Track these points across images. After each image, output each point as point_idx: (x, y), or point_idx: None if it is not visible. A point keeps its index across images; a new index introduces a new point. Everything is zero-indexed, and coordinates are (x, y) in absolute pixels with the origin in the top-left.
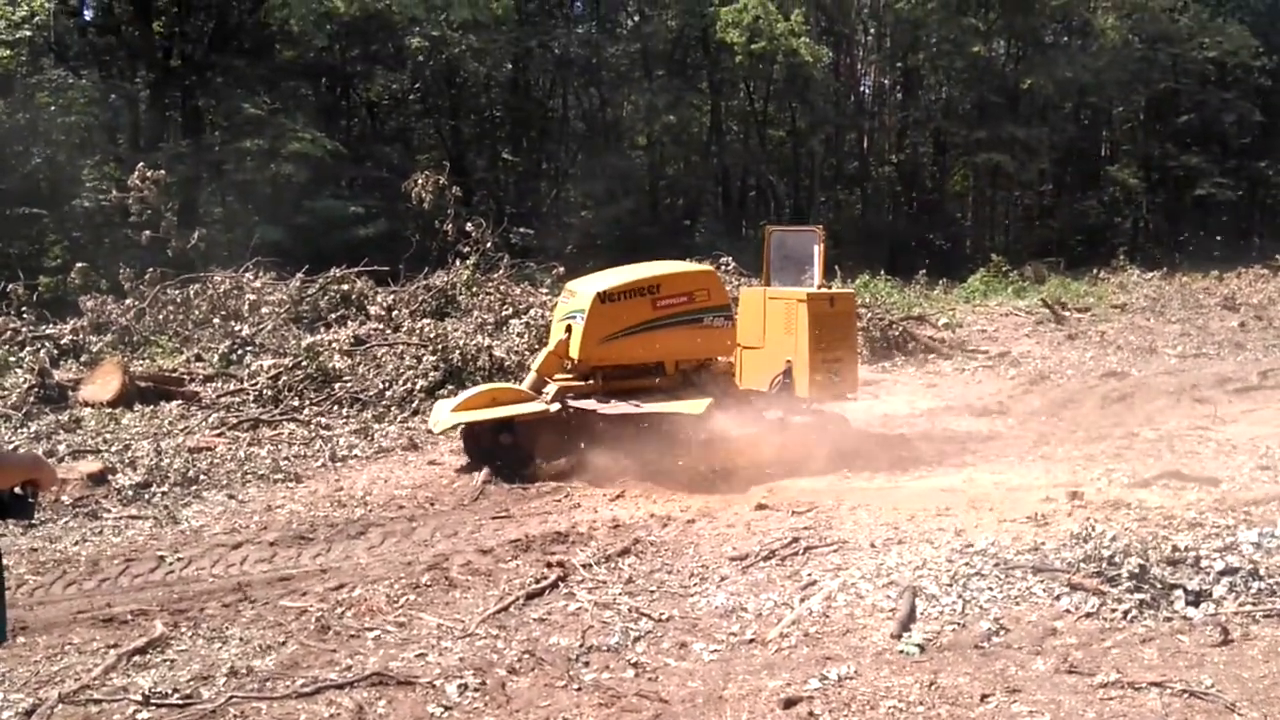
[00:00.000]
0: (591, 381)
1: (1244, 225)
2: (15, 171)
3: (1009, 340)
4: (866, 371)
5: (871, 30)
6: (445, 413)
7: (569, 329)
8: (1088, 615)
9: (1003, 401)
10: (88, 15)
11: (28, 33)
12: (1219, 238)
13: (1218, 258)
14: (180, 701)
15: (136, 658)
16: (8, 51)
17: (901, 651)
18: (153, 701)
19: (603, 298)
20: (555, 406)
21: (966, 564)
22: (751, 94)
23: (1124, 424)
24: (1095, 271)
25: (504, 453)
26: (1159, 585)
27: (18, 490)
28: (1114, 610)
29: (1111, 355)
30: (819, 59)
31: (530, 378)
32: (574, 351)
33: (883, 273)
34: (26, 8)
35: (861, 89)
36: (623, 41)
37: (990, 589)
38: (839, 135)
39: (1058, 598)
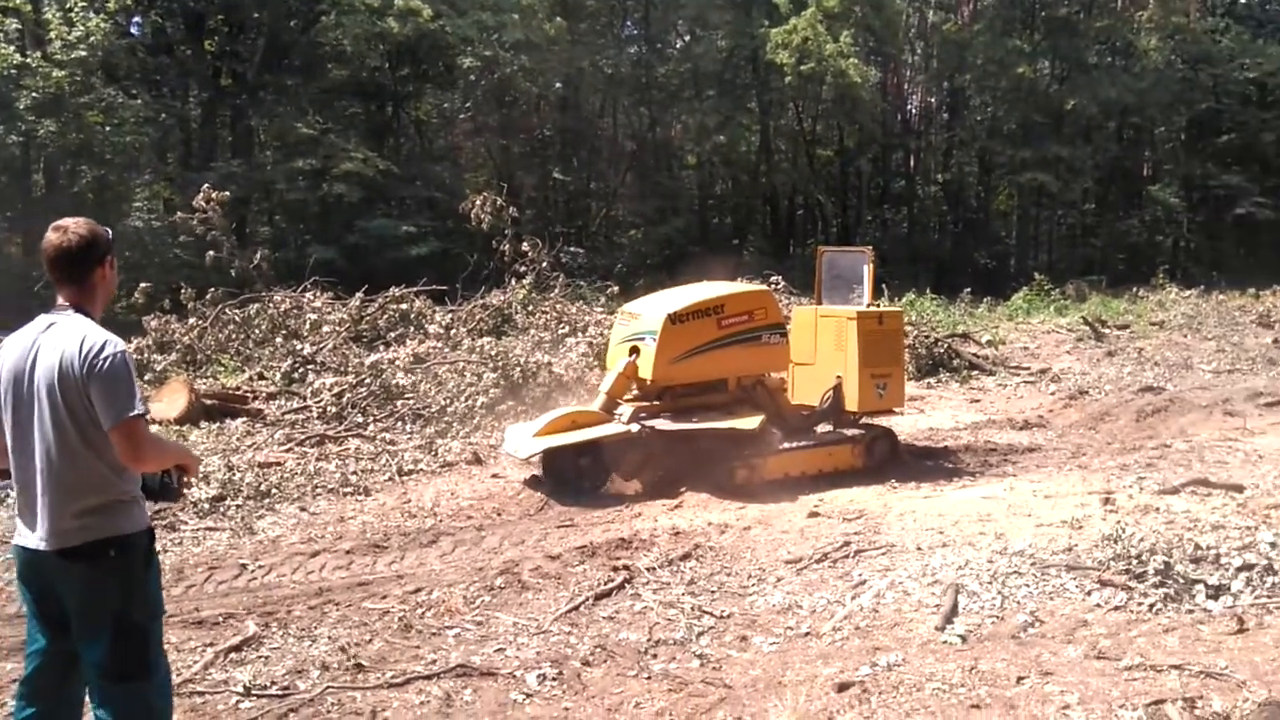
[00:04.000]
0: (661, 401)
1: None
2: (65, 190)
3: (1050, 357)
4: (912, 387)
5: (918, 50)
6: (528, 438)
7: (634, 350)
8: (1116, 608)
9: (1043, 415)
10: (138, 33)
11: (82, 53)
12: (1258, 256)
13: (1257, 277)
14: (279, 693)
15: (233, 655)
16: (62, 72)
17: (945, 642)
18: (253, 693)
19: (673, 319)
20: (635, 428)
21: (1006, 564)
22: (800, 114)
23: (1157, 436)
24: (1135, 290)
25: (582, 473)
26: (1182, 581)
27: (166, 476)
28: (1140, 604)
29: (1148, 371)
30: (867, 80)
31: (601, 399)
32: (645, 372)
33: (928, 291)
34: (82, 28)
35: (908, 109)
36: (673, 61)
37: (1027, 585)
38: (886, 155)
39: (1089, 593)
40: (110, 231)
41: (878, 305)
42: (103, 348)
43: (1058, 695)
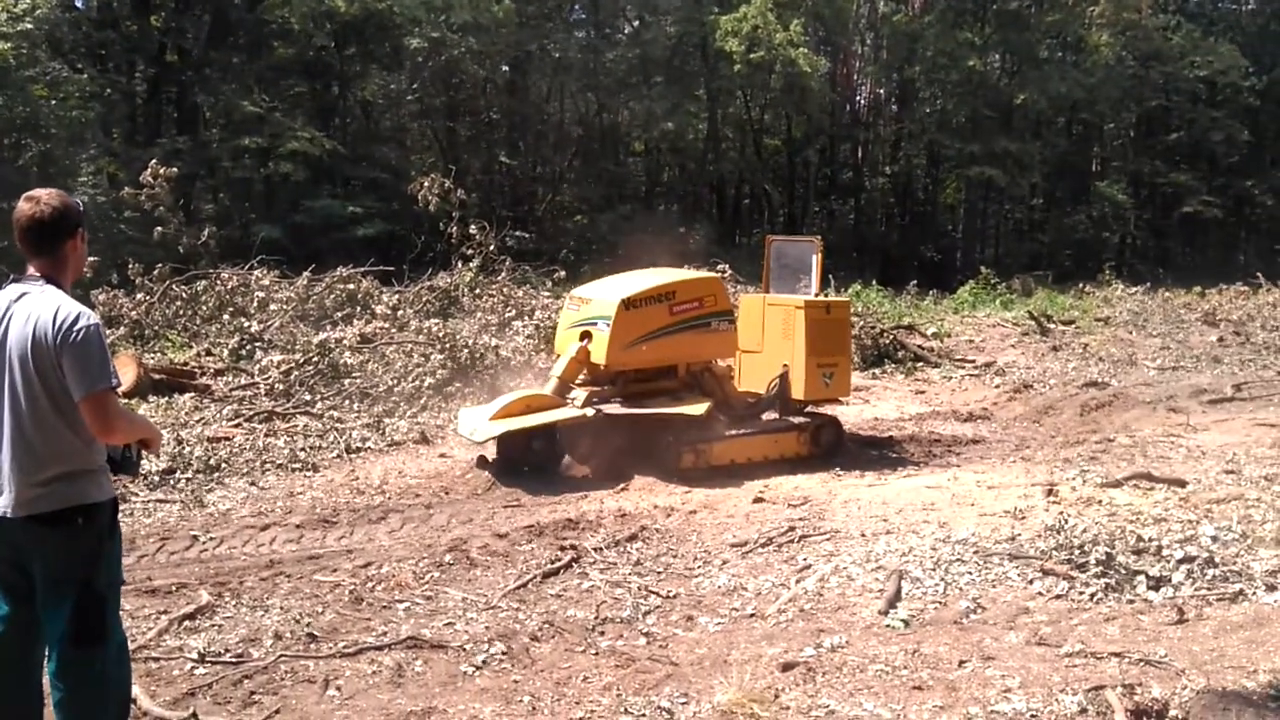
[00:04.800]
0: (613, 386)
1: (1230, 243)
2: (8, 164)
3: (995, 350)
4: (857, 378)
5: (869, 41)
6: (484, 421)
7: (586, 335)
8: (1058, 597)
9: (987, 408)
10: (83, 6)
11: (28, 25)
12: (1204, 255)
13: (1203, 275)
14: (233, 660)
15: (187, 623)
16: (6, 44)
17: (888, 625)
18: (208, 659)
19: (627, 304)
20: (590, 412)
21: (949, 551)
22: (749, 103)
23: (1101, 430)
24: (1081, 286)
25: (534, 456)
26: (1123, 571)
27: (128, 450)
28: (1081, 593)
29: (1093, 366)
30: (816, 69)
31: (553, 384)
32: (598, 357)
33: (874, 283)
34: (28, 1)
35: (857, 100)
36: (621, 47)
37: (970, 573)
38: (834, 146)
39: (1031, 581)
40: (82, 204)
41: (825, 295)
42: (76, 319)
43: (999, 679)
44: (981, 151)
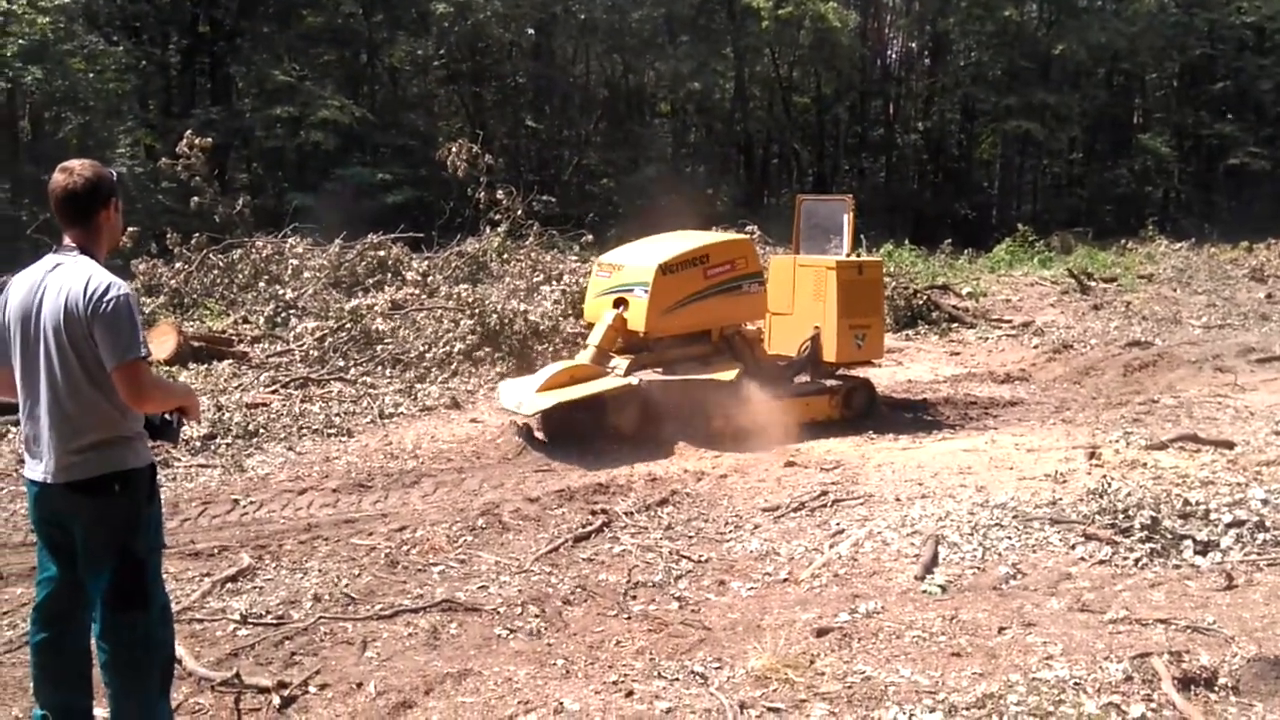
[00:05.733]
0: (651, 353)
1: (1278, 195)
2: (50, 137)
3: (1033, 310)
4: (890, 339)
5: None
6: (530, 394)
7: (620, 302)
8: (1101, 562)
9: (1025, 369)
10: None
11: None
12: (1251, 208)
13: (1250, 229)
14: (274, 621)
15: (229, 585)
16: (45, 19)
17: (925, 591)
18: (249, 621)
19: (665, 269)
20: (636, 380)
21: (987, 516)
22: (776, 60)
23: (1145, 391)
24: (1124, 242)
25: (579, 426)
26: (1169, 536)
27: (168, 416)
28: (1126, 558)
29: (1136, 325)
30: (846, 24)
31: (591, 353)
32: (636, 324)
33: (907, 242)
34: None
35: (889, 54)
36: (647, 6)
37: (1009, 538)
38: (864, 102)
39: (1073, 546)
40: (115, 174)
41: (857, 255)
42: (107, 289)
43: (1040, 646)
44: (1018, 104)
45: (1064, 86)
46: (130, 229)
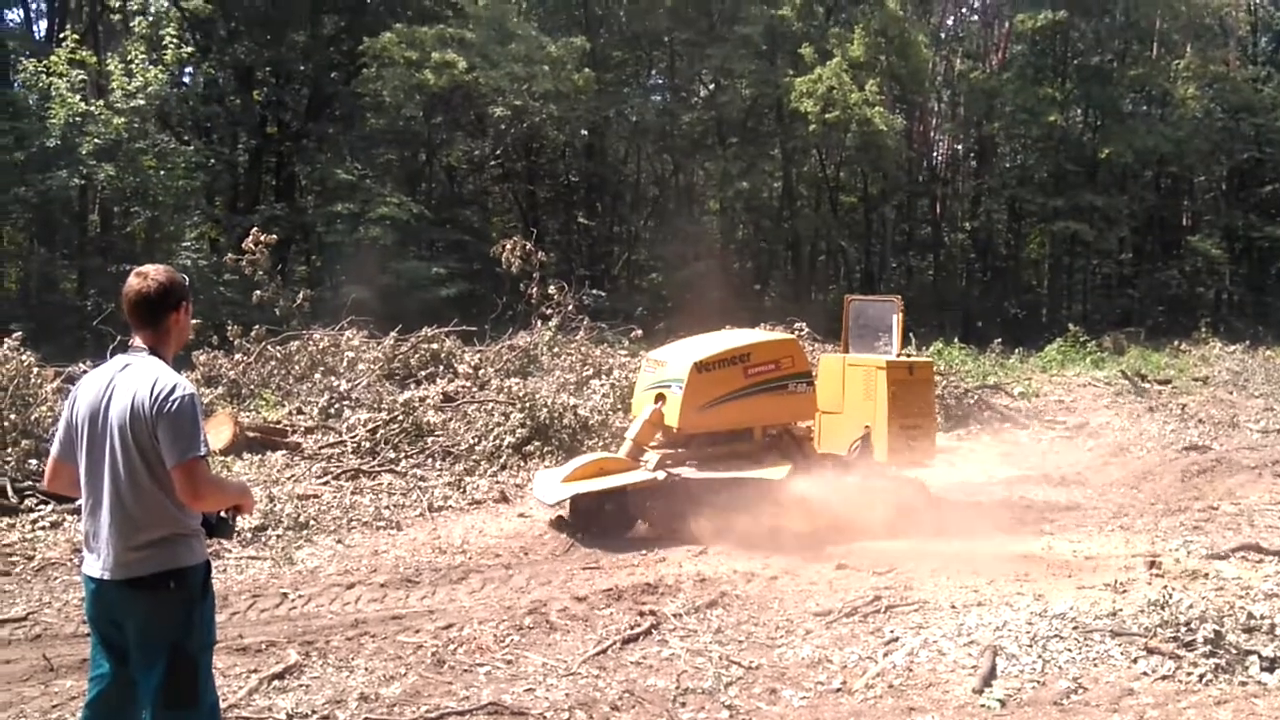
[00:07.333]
0: (687, 449)
1: None
2: (118, 230)
3: (1087, 411)
4: (942, 439)
5: (945, 98)
6: (556, 483)
7: (659, 398)
8: (1164, 678)
9: (1081, 472)
10: (191, 83)
11: (140, 102)
12: None
13: None
14: None
15: (276, 682)
16: (120, 119)
17: (983, 705)
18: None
19: (700, 367)
20: (662, 475)
21: (1046, 626)
22: (824, 161)
23: (1204, 497)
24: (1176, 343)
25: (606, 518)
26: (1234, 651)
27: (224, 514)
28: (1189, 674)
29: (1192, 428)
30: (892, 127)
31: (627, 446)
32: (671, 420)
33: (956, 340)
34: (141, 78)
35: (934, 156)
36: (697, 110)
37: (1069, 650)
38: (911, 202)
39: (1134, 660)
40: (188, 279)
41: (907, 354)
42: (173, 390)
43: None
44: (1066, 206)
45: (1111, 189)
46: (193, 321)
